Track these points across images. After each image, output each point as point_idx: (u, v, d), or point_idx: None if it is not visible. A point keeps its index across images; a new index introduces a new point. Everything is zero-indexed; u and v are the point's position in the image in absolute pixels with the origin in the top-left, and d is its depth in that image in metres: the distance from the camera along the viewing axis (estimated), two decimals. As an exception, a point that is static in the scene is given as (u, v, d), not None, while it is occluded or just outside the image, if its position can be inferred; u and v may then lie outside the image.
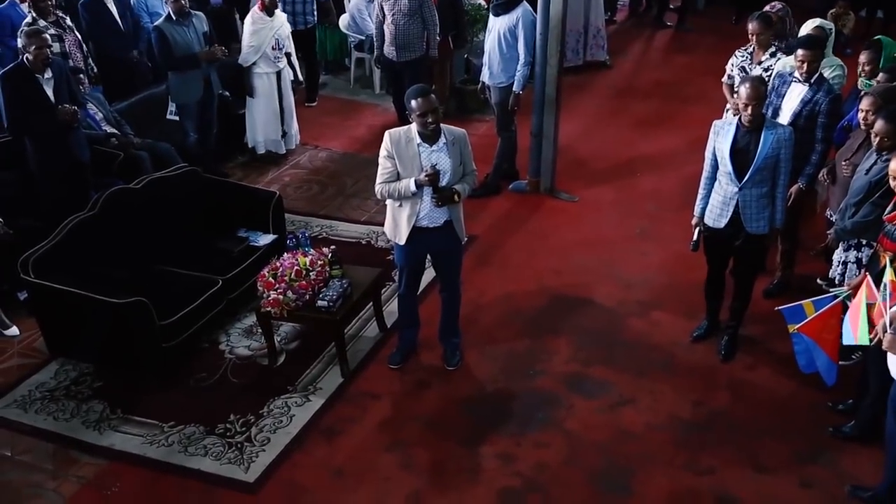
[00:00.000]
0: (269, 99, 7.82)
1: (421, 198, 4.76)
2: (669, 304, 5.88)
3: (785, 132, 4.78)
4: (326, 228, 6.85)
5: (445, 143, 4.74)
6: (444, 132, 4.74)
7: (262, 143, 8.02)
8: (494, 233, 6.81)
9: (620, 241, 6.69)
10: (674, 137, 8.39)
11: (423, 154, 4.71)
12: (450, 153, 4.74)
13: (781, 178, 4.86)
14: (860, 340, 4.06)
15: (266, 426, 4.82)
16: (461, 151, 4.81)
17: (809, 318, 4.53)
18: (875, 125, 4.56)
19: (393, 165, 4.75)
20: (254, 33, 7.59)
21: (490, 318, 5.77)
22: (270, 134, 7.99)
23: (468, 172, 4.91)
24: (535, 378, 5.22)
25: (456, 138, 4.78)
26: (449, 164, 4.73)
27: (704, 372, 5.26)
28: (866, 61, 5.76)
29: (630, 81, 10.08)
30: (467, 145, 4.86)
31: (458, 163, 4.79)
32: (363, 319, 5.68)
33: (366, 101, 9.55)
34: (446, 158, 4.73)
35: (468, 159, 4.88)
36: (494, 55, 6.97)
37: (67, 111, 5.70)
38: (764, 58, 6.10)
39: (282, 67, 7.81)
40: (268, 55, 7.65)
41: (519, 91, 6.94)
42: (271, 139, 8.02)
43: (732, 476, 4.50)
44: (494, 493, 4.41)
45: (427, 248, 5.01)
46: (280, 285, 4.99)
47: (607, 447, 4.71)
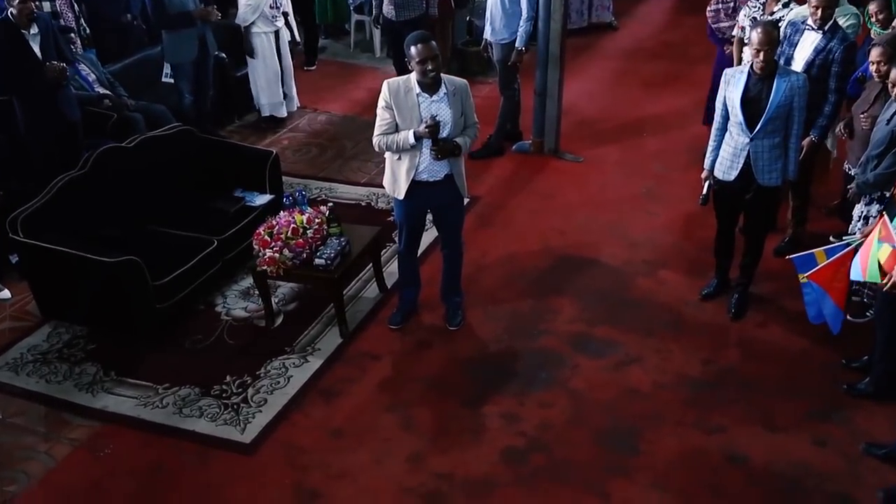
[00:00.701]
0: (268, 60, 7.63)
1: (420, 150, 4.60)
2: (677, 264, 5.73)
3: (799, 79, 4.60)
4: (326, 190, 6.70)
5: (446, 94, 4.56)
6: (444, 82, 4.57)
7: (266, 106, 7.85)
8: (497, 193, 6.65)
9: (626, 201, 6.53)
10: (681, 98, 8.20)
11: (422, 104, 4.54)
12: (450, 104, 4.56)
13: (795, 128, 4.69)
14: (869, 277, 3.95)
15: (263, 387, 4.70)
16: (462, 102, 4.63)
17: (820, 266, 4.38)
18: (891, 74, 4.37)
19: (391, 116, 4.58)
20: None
21: (493, 278, 5.63)
22: (273, 97, 7.81)
23: (470, 125, 4.73)
24: (538, 338, 5.08)
25: (457, 88, 4.61)
26: (449, 115, 4.56)
27: (714, 330, 5.11)
28: (877, 10, 5.57)
29: (636, 43, 9.86)
30: (469, 96, 4.68)
31: (459, 114, 4.62)
32: (363, 280, 5.55)
33: (366, 64, 9.37)
34: (447, 109, 4.56)
35: (470, 111, 4.71)
36: (496, 11, 6.79)
37: (55, 68, 5.53)
38: (776, 8, 5.89)
39: (280, 27, 7.63)
40: (266, 14, 7.46)
41: (521, 47, 6.76)
42: (274, 102, 7.84)
43: (743, 434, 4.36)
44: (498, 452, 4.29)
45: (427, 203, 4.84)
46: (276, 243, 4.85)
47: (613, 406, 4.58)
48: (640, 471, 4.18)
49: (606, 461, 4.24)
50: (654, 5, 11.24)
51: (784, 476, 4.12)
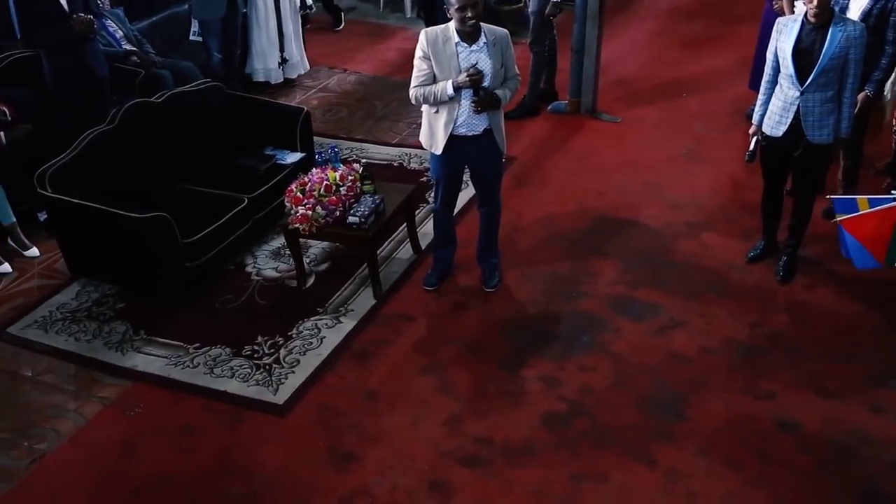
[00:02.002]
0: (264, 24, 7.37)
1: (459, 102, 4.42)
2: (721, 226, 5.52)
3: (856, 29, 4.35)
4: (357, 150, 6.54)
5: (486, 43, 4.37)
6: (484, 31, 4.37)
7: (259, 71, 7.58)
8: (533, 154, 6.46)
9: (666, 162, 6.30)
10: (721, 57, 7.93)
11: (461, 54, 4.35)
12: (490, 54, 4.37)
13: (850, 82, 4.44)
14: None
15: (295, 348, 4.58)
16: (503, 53, 4.43)
17: (859, 213, 4.18)
18: None
19: (429, 67, 4.40)
20: None
21: (530, 239, 5.46)
22: (268, 62, 7.54)
23: (510, 77, 4.54)
24: (578, 300, 4.91)
25: (497, 38, 4.41)
26: (489, 66, 4.37)
27: (761, 294, 4.91)
28: None
29: (674, 2, 9.56)
30: (510, 46, 4.48)
31: (500, 65, 4.42)
32: (396, 241, 5.40)
33: (396, 24, 9.16)
34: (487, 59, 4.36)
35: (510, 62, 4.51)
36: None
37: (82, 20, 5.38)
38: None
39: None
40: None
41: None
42: (268, 67, 7.57)
43: (794, 400, 4.18)
44: (538, 416, 4.14)
45: (464, 158, 4.65)
46: (308, 200, 4.70)
47: (657, 371, 4.41)
48: (686, 437, 4.02)
49: (651, 426, 4.08)
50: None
51: (838, 443, 3.94)
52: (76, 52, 5.51)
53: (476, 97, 4.36)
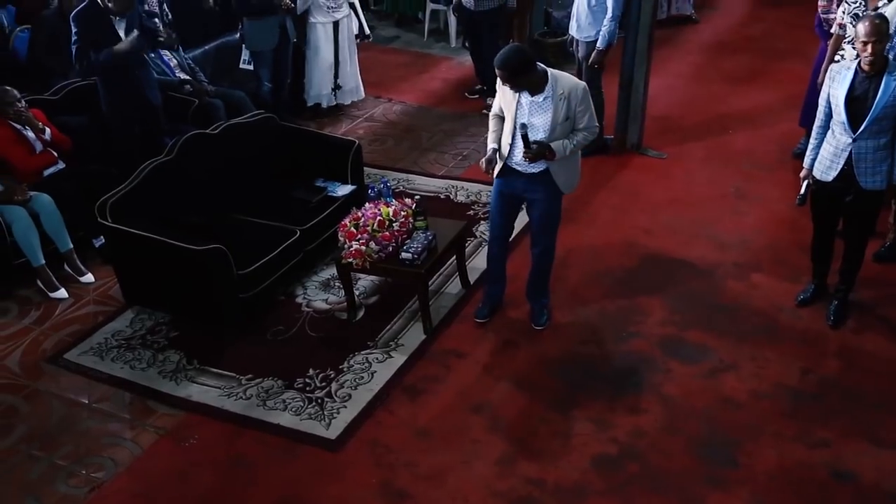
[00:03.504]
0: (322, 50, 7.49)
1: (510, 143, 4.50)
2: (770, 267, 5.50)
3: None
4: (403, 182, 6.60)
5: (551, 96, 4.37)
6: (553, 83, 4.37)
7: (312, 96, 7.72)
8: (580, 189, 6.32)
9: (714, 200, 6.30)
10: (767, 94, 7.92)
11: (522, 101, 4.42)
12: (554, 106, 4.38)
13: None
14: None
15: (347, 382, 4.62)
16: (571, 105, 4.41)
17: None
18: None
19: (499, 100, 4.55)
20: None
21: (578, 276, 5.47)
22: (322, 88, 7.67)
23: (580, 128, 4.50)
24: (628, 340, 4.92)
25: (568, 91, 4.39)
26: (549, 119, 4.39)
27: (812, 338, 4.88)
28: None
29: (718, 36, 9.58)
30: (581, 100, 4.43)
31: (565, 118, 4.41)
32: (445, 275, 5.43)
33: (440, 54, 9.25)
34: (548, 112, 4.39)
35: (582, 115, 4.46)
36: (582, 8, 6.56)
37: None
38: (881, 3, 5.60)
39: (339, 18, 7.47)
40: (321, 4, 7.32)
41: (602, 48, 6.49)
42: (321, 93, 7.71)
43: (849, 450, 4.14)
44: (589, 459, 4.14)
45: (519, 191, 4.70)
46: (362, 235, 4.76)
47: (709, 415, 4.39)
48: (739, 484, 3.99)
49: (704, 472, 4.06)
50: (735, -2, 10.94)
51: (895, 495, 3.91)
52: (131, 80, 5.64)
53: (527, 149, 4.40)
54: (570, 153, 4.52)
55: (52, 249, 5.40)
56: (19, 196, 5.28)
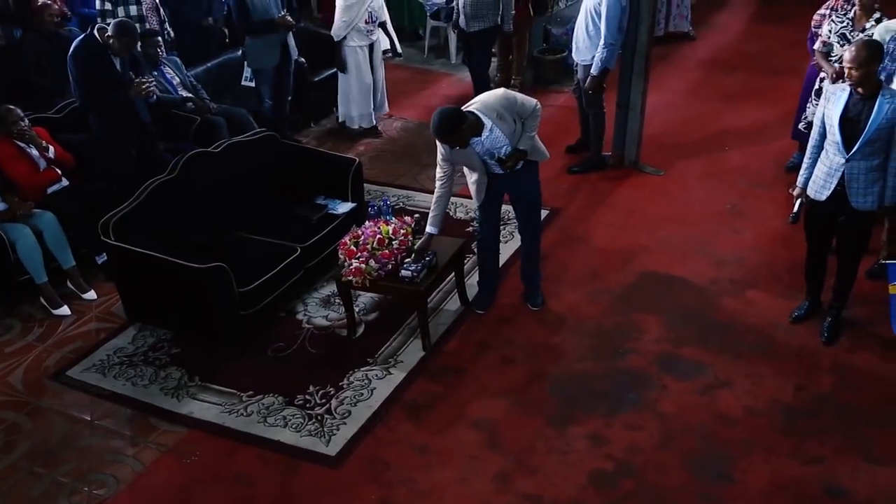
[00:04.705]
0: (362, 72, 7.57)
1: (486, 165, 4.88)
2: (765, 284, 5.56)
3: None
4: (403, 199, 6.67)
5: (491, 125, 4.65)
6: (482, 115, 4.64)
7: (356, 118, 7.78)
8: (577, 206, 6.55)
9: (710, 217, 6.37)
10: (763, 111, 8.00)
11: (477, 148, 4.73)
12: (500, 126, 4.66)
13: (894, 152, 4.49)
14: None
15: (346, 398, 4.67)
16: (508, 113, 4.69)
17: None
18: None
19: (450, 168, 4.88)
20: (346, 8, 7.30)
21: (575, 294, 5.53)
22: (364, 108, 7.75)
23: (526, 117, 4.79)
24: (624, 357, 4.97)
25: (497, 106, 4.67)
26: (504, 137, 4.70)
27: (806, 355, 4.94)
28: None
29: (715, 53, 9.67)
30: (509, 99, 4.75)
31: (512, 122, 4.71)
32: (443, 292, 5.49)
33: (441, 70, 9.34)
34: (499, 133, 4.68)
35: (522, 108, 4.76)
36: (581, 32, 6.63)
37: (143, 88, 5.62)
38: (868, 24, 5.71)
39: (374, 39, 7.56)
40: (360, 28, 7.40)
41: (596, 73, 6.55)
42: (364, 113, 7.78)
43: (842, 466, 4.19)
44: (585, 475, 4.19)
45: (502, 188, 5.04)
46: (362, 254, 4.82)
47: (704, 431, 4.44)
48: (733, 500, 4.04)
49: (699, 488, 4.11)
50: (732, 15, 11.03)
51: (887, 512, 3.97)
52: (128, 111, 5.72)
53: (507, 166, 4.74)
54: (533, 140, 4.88)
55: (54, 266, 5.47)
56: (22, 211, 5.35)
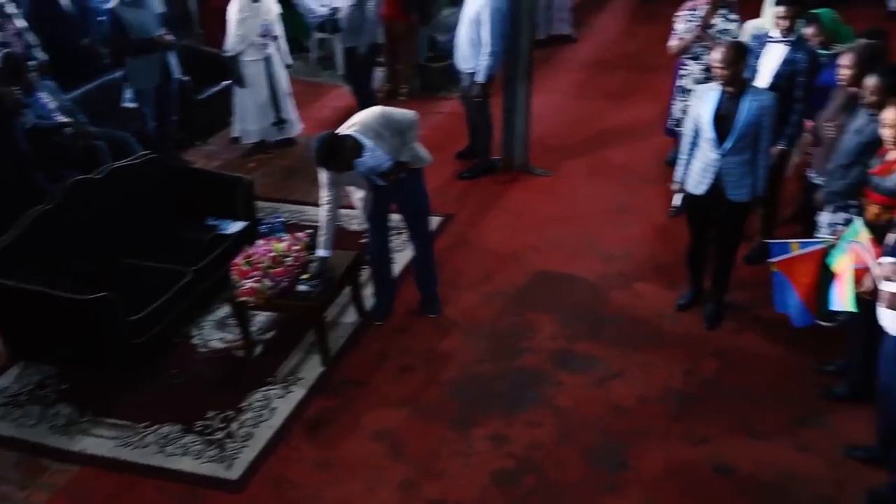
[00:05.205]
0: (258, 87, 7.48)
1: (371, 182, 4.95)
2: (652, 276, 5.78)
3: (767, 99, 4.67)
4: (296, 214, 6.64)
5: (371, 143, 4.72)
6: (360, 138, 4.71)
7: (254, 132, 7.68)
8: (469, 211, 6.66)
9: (598, 214, 6.58)
10: (643, 108, 8.29)
11: (360, 168, 4.78)
12: (380, 144, 4.74)
13: (763, 146, 4.75)
14: (848, 306, 4.00)
15: (247, 420, 4.63)
16: (385, 130, 4.77)
17: (792, 255, 4.47)
18: (866, 81, 4.42)
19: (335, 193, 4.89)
20: (240, 22, 7.18)
21: (470, 298, 5.63)
22: (262, 122, 7.65)
23: (404, 129, 4.87)
24: (521, 356, 5.09)
25: (374, 124, 4.76)
26: (385, 153, 4.78)
27: (692, 341, 5.17)
28: (814, 33, 5.58)
29: (596, 54, 9.97)
30: (386, 116, 4.86)
31: (391, 138, 4.79)
32: (339, 305, 5.49)
33: (329, 82, 9.30)
34: (380, 151, 4.76)
35: (398, 124, 4.86)
36: (463, 40, 6.72)
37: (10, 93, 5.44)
38: (716, 20, 6.06)
39: (270, 53, 7.47)
40: (255, 42, 7.31)
41: (481, 81, 6.67)
42: (263, 127, 7.69)
43: (728, 445, 4.42)
44: (488, 475, 4.28)
45: (389, 198, 5.10)
46: (255, 273, 4.79)
47: (600, 423, 4.60)
48: (630, 486, 4.21)
49: (597, 479, 4.25)
50: (610, 16, 11.39)
51: (770, 484, 4.18)
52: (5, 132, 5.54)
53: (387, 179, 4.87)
54: (415, 150, 4.98)
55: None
56: None
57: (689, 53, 6.33)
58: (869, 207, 4.25)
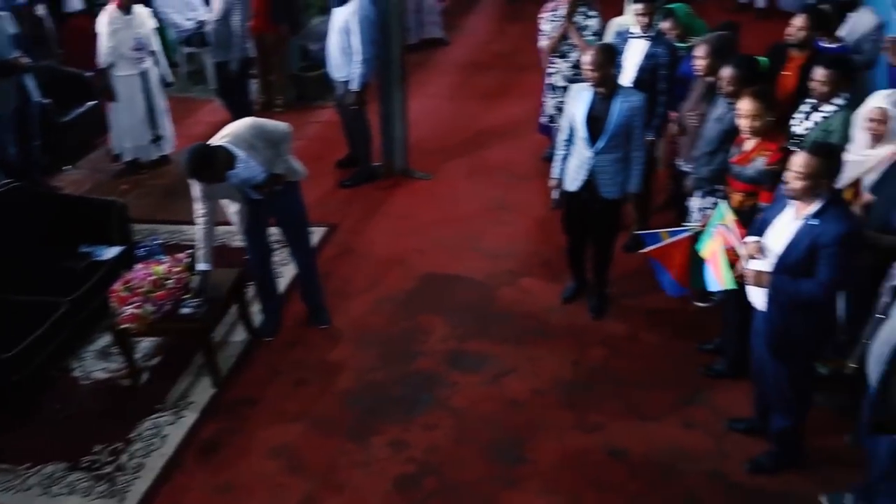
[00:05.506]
0: (132, 102, 7.22)
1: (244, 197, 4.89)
2: (537, 271, 5.92)
3: (637, 100, 4.84)
4: (175, 234, 6.46)
5: (244, 155, 4.66)
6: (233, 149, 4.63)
7: (129, 150, 7.42)
8: (353, 219, 6.65)
9: (480, 213, 6.68)
10: (517, 106, 8.48)
11: (233, 180, 4.70)
12: (253, 155, 4.69)
13: (636, 144, 4.92)
14: (727, 285, 4.20)
15: (137, 451, 4.48)
16: (257, 141, 4.73)
17: (662, 244, 4.70)
18: (722, 72, 4.66)
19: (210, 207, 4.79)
20: (111, 34, 6.91)
21: (360, 306, 5.62)
22: (138, 139, 7.40)
23: (277, 140, 4.83)
24: (414, 360, 5.12)
25: (246, 137, 4.70)
26: (259, 167, 4.73)
27: (579, 332, 5.32)
28: (670, 27, 5.83)
29: (469, 55, 10.13)
30: (258, 126, 4.80)
31: (266, 151, 4.74)
32: (227, 324, 5.38)
33: (201, 97, 9.09)
34: (254, 164, 4.71)
35: (272, 134, 4.82)
36: (334, 49, 6.71)
37: None
38: (577, 18, 6.28)
39: (146, 68, 7.23)
40: (127, 56, 7.05)
41: (355, 88, 6.68)
42: (140, 145, 7.44)
43: (620, 429, 4.57)
44: (390, 482, 4.29)
45: (265, 211, 5.04)
46: (136, 299, 4.64)
47: (496, 419, 4.68)
48: (529, 479, 4.30)
49: (496, 475, 4.33)
50: (479, 18, 11.59)
51: (661, 463, 4.35)
52: None
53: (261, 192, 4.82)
54: (288, 160, 4.93)
55: None
56: None
57: (556, 52, 6.51)
58: (733, 195, 4.47)
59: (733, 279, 4.04)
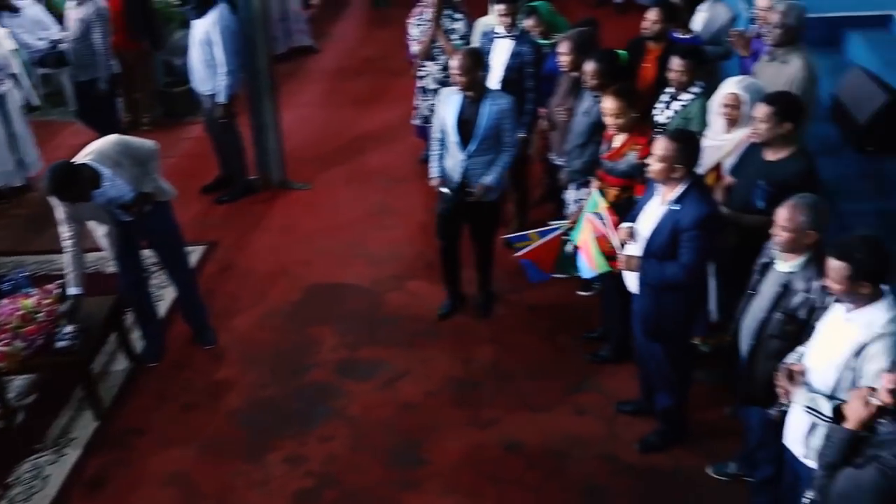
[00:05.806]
0: None
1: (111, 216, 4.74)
2: (422, 274, 5.95)
3: (506, 102, 4.91)
4: (44, 265, 6.14)
5: (111, 174, 4.54)
6: (98, 167, 4.51)
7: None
8: (233, 235, 6.52)
9: (362, 219, 6.67)
10: (391, 111, 8.48)
11: (99, 199, 4.56)
12: (120, 173, 4.56)
13: (504, 145, 4.97)
14: (599, 269, 4.36)
15: (17, 496, 4.27)
16: (124, 156, 4.62)
17: (533, 246, 4.82)
18: (585, 66, 4.80)
19: (75, 229, 4.65)
20: None
21: (246, 322, 5.52)
22: (3, 165, 6.99)
23: (145, 159, 4.74)
24: (306, 372, 5.07)
25: (112, 154, 4.58)
26: (126, 185, 4.61)
27: (468, 331, 5.39)
28: (534, 25, 5.97)
29: (339, 62, 10.07)
30: (124, 143, 4.70)
31: (133, 170, 4.64)
32: (107, 353, 5.18)
33: (61, 119, 8.66)
34: (121, 182, 4.58)
35: (138, 152, 4.73)
36: (197, 62, 6.54)
37: None
38: (444, 21, 6.39)
39: (5, 91, 6.81)
40: None
41: (222, 101, 6.53)
42: (5, 170, 7.02)
43: (514, 422, 4.66)
44: (290, 498, 4.24)
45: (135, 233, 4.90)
46: (3, 336, 4.41)
47: (392, 424, 4.69)
48: (428, 480, 4.34)
49: (396, 478, 4.34)
50: (347, 24, 11.54)
51: (557, 452, 4.47)
52: None
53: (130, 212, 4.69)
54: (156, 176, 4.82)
55: None
56: None
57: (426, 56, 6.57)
58: (608, 190, 4.57)
59: (606, 263, 4.19)
